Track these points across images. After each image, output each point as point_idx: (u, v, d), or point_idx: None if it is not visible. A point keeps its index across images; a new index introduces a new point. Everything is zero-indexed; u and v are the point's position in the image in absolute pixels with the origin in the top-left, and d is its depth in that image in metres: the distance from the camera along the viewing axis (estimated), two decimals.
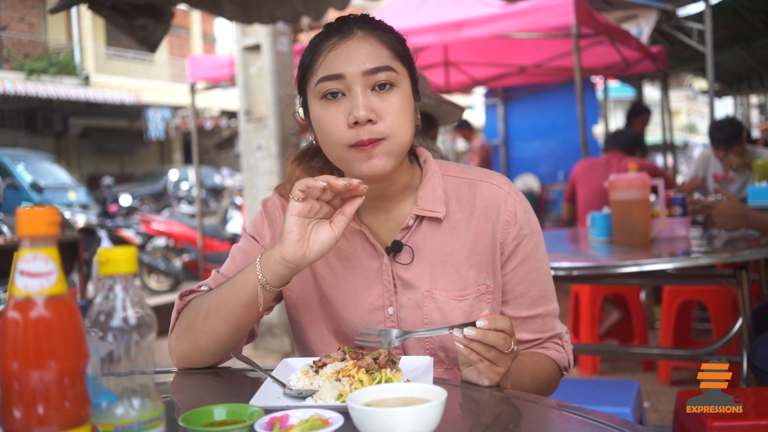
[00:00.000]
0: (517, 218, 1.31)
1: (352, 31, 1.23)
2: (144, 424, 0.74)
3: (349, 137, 1.20)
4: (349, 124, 1.19)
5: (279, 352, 5.20)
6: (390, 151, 1.21)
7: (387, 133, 1.20)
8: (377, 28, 1.26)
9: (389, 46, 1.24)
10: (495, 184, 1.34)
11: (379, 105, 1.20)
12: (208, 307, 1.26)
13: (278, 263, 1.17)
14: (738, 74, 10.06)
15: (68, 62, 17.85)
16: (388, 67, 1.21)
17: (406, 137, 1.23)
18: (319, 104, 1.23)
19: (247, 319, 1.24)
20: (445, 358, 1.31)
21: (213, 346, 1.27)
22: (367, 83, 1.20)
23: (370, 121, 1.19)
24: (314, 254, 1.17)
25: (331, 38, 1.24)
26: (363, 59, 1.20)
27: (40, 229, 0.69)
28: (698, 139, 31.38)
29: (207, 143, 21.52)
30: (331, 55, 1.22)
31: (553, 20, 4.75)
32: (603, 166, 4.52)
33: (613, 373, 4.32)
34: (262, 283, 1.19)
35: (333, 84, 1.21)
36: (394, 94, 1.22)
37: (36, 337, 0.67)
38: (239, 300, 1.22)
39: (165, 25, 3.61)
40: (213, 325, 1.24)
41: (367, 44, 1.22)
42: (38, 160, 13.12)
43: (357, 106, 1.18)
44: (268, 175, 5.45)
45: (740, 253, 2.52)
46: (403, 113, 1.22)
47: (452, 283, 1.30)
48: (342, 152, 1.22)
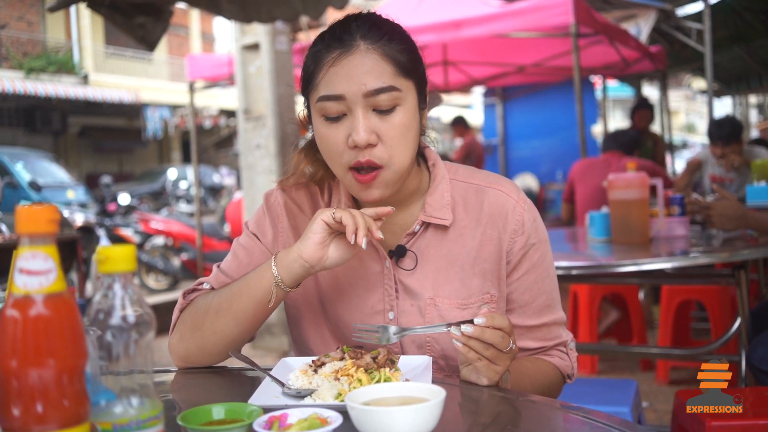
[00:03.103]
0: (525, 227, 1.29)
1: (354, 43, 1.18)
2: (142, 423, 0.74)
3: (348, 159, 1.19)
4: (349, 146, 1.18)
5: (277, 351, 5.20)
6: (388, 181, 1.21)
7: (386, 160, 1.19)
8: (382, 35, 1.20)
9: (393, 61, 1.19)
10: (503, 191, 1.31)
11: (381, 127, 1.18)
12: (218, 306, 1.25)
13: (295, 261, 1.18)
14: (737, 74, 10.06)
15: (67, 61, 17.84)
16: (391, 87, 1.17)
17: (406, 162, 1.22)
18: (320, 121, 1.22)
19: (258, 318, 1.24)
20: (446, 366, 1.30)
21: (220, 346, 1.26)
22: (368, 104, 1.18)
23: (371, 144, 1.18)
24: (331, 261, 1.19)
25: (333, 50, 1.19)
26: (364, 79, 1.17)
27: (40, 227, 0.69)
28: (697, 138, 31.41)
29: (206, 142, 21.51)
30: (331, 72, 1.19)
31: (552, 20, 4.75)
32: (601, 166, 4.52)
33: (611, 372, 4.32)
34: (277, 282, 1.19)
35: (333, 105, 1.18)
36: (397, 115, 1.19)
37: (35, 335, 0.67)
38: (251, 298, 1.22)
39: (164, 24, 3.61)
40: (222, 323, 1.24)
41: (369, 60, 1.17)
42: (37, 159, 13.12)
43: (357, 130, 1.17)
44: (267, 174, 5.45)
45: (739, 253, 2.52)
46: (405, 135, 1.20)
47: (455, 291, 1.28)
48: (341, 172, 1.22)
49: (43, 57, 17.28)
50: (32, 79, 16.15)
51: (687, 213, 2.99)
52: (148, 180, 17.23)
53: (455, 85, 7.87)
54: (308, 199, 1.39)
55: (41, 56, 17.33)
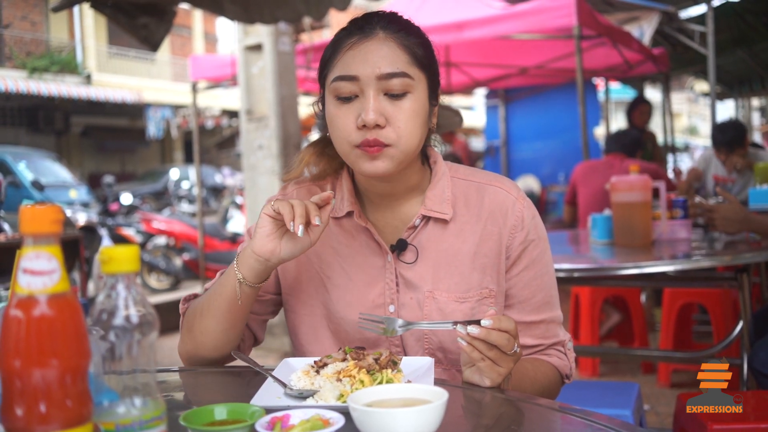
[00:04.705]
0: (524, 223, 1.31)
1: (373, 31, 1.23)
2: (145, 423, 0.74)
3: (356, 137, 1.21)
4: (357, 126, 1.21)
5: (279, 352, 5.20)
6: (394, 157, 1.22)
7: (393, 140, 1.21)
8: (401, 29, 1.25)
9: (408, 51, 1.23)
10: (503, 188, 1.34)
11: (390, 110, 1.21)
12: (201, 308, 1.30)
13: (250, 257, 1.21)
14: (739, 77, 10.06)
15: (70, 61, 17.85)
16: (404, 74, 1.21)
17: (413, 145, 1.24)
18: (333, 102, 1.25)
19: (235, 316, 1.27)
20: (444, 358, 1.31)
21: (210, 345, 1.30)
22: (380, 87, 1.21)
23: (378, 125, 1.20)
24: (286, 253, 1.21)
25: (352, 36, 1.24)
26: (379, 63, 1.20)
27: (44, 228, 0.69)
28: (699, 141, 31.40)
29: (208, 142, 21.52)
30: (348, 55, 1.22)
31: (554, 21, 4.75)
32: (604, 168, 4.51)
33: (613, 375, 4.31)
34: (239, 279, 1.22)
35: (347, 85, 1.22)
36: (407, 101, 1.22)
37: (38, 336, 0.67)
38: (223, 298, 1.25)
39: (167, 24, 3.62)
40: (206, 324, 1.28)
41: (385, 47, 1.22)
42: (40, 159, 13.12)
43: (367, 110, 1.19)
44: (269, 175, 5.45)
45: (741, 256, 2.52)
46: (414, 120, 1.22)
47: (455, 285, 1.30)
48: (348, 150, 1.24)
49: (46, 57, 17.30)
50: (35, 79, 16.17)
51: (689, 216, 2.99)
52: (151, 180, 17.24)
53: (458, 87, 7.87)
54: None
55: (44, 56, 17.34)
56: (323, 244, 1.36)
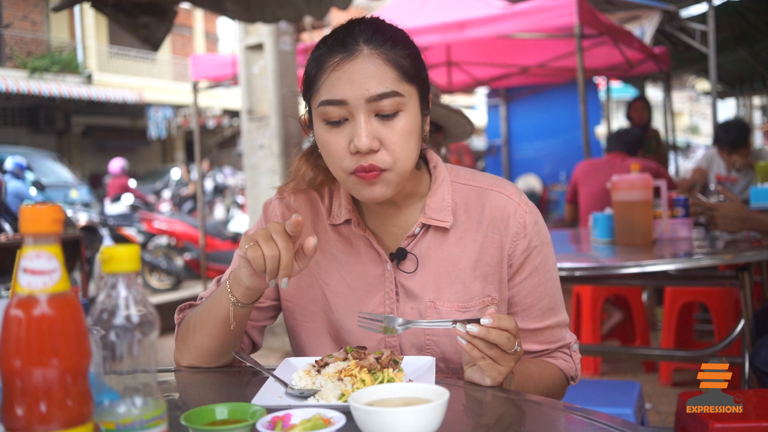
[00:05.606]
0: (526, 230, 1.29)
1: (357, 47, 1.17)
2: (146, 423, 0.74)
3: (350, 164, 1.18)
4: (351, 151, 1.17)
5: (280, 352, 5.20)
6: (391, 181, 1.19)
7: (390, 163, 1.17)
8: (386, 40, 1.18)
9: (396, 66, 1.17)
10: (505, 193, 1.30)
11: (383, 132, 1.17)
12: (195, 323, 1.29)
13: (241, 285, 1.18)
14: (741, 76, 10.05)
15: (71, 60, 17.85)
16: (394, 93, 1.16)
17: (410, 164, 1.21)
18: (322, 126, 1.21)
19: (231, 333, 1.25)
20: (446, 368, 1.29)
21: (206, 358, 1.30)
22: (370, 109, 1.16)
23: (372, 149, 1.16)
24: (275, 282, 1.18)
25: (335, 54, 1.18)
26: (367, 83, 1.15)
27: (44, 227, 0.69)
28: (701, 140, 31.37)
29: (209, 142, 21.51)
30: (333, 76, 1.17)
31: (555, 21, 4.74)
32: (605, 167, 4.50)
33: (614, 374, 4.31)
34: (232, 302, 1.21)
35: (335, 110, 1.17)
36: (400, 120, 1.18)
37: (39, 335, 0.67)
38: (217, 317, 1.24)
39: (168, 24, 3.62)
40: (200, 339, 1.28)
41: (371, 65, 1.16)
42: (40, 158, 13.11)
43: (359, 136, 1.15)
44: (270, 175, 5.45)
45: (742, 255, 2.51)
46: (408, 139, 1.19)
47: (456, 294, 1.28)
48: (343, 176, 1.21)
49: (46, 56, 17.29)
50: (36, 79, 16.17)
51: (691, 214, 2.99)
52: (152, 180, 17.24)
53: (459, 86, 7.87)
54: (308, 205, 1.38)
55: (45, 56, 17.34)
56: (321, 251, 1.34)
